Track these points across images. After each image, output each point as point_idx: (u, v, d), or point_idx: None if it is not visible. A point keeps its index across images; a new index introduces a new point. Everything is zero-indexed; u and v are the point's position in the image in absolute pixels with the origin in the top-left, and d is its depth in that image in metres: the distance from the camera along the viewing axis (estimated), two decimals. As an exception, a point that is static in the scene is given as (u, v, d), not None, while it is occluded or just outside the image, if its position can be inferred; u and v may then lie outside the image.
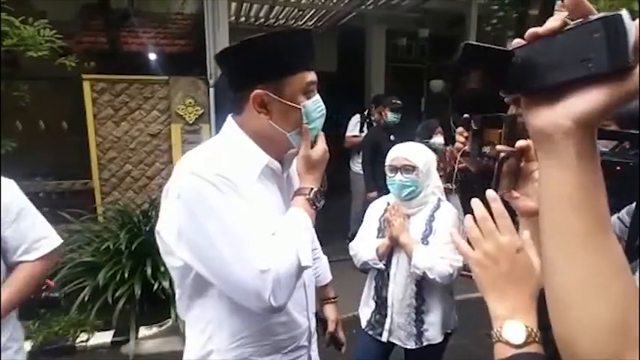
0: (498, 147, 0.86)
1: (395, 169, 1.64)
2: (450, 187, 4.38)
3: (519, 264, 0.60)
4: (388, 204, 1.73)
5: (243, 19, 6.52)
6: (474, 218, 0.63)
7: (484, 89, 0.48)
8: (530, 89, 0.45)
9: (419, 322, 1.64)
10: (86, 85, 3.62)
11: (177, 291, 1.01)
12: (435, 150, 2.14)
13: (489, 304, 0.60)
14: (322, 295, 1.44)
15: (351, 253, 1.76)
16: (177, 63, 4.67)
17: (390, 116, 3.83)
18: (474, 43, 0.47)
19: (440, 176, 1.85)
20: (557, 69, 0.41)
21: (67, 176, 3.83)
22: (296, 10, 6.21)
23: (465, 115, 0.92)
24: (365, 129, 4.50)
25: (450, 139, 3.87)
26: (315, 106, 0.98)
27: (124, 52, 4.71)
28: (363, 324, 1.77)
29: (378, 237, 1.72)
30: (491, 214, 0.62)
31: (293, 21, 6.85)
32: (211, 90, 4.25)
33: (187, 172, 0.87)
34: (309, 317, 1.09)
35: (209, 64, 4.36)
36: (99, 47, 4.41)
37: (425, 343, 1.64)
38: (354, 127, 4.57)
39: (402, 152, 1.66)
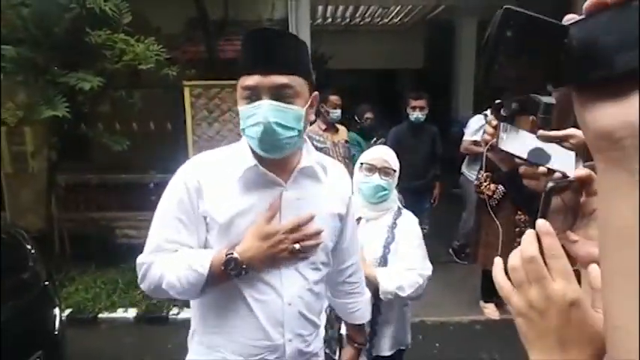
0: (541, 132, 0.77)
1: (373, 169, 1.56)
2: None
3: (574, 320, 0.47)
4: None
5: (329, 20, 6.68)
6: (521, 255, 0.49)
7: (524, 78, 0.38)
8: (590, 80, 0.33)
9: (372, 334, 1.57)
10: (186, 91, 4.09)
11: None
12: None
13: None
14: (350, 334, 1.38)
15: None
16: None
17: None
18: (516, 8, 0.35)
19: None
20: (630, 51, 0.29)
21: (172, 170, 4.37)
22: (381, 8, 6.16)
23: (497, 101, 0.81)
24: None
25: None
26: (247, 112, 0.93)
27: (221, 59, 5.19)
28: None
29: None
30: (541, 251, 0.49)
31: (379, 19, 6.80)
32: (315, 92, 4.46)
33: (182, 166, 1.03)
34: (285, 336, 1.02)
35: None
36: (199, 56, 4.92)
37: (374, 354, 1.59)
38: (474, 132, 3.73)
39: (381, 154, 1.60)
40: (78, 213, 4.31)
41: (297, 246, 0.96)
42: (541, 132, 0.78)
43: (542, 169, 0.79)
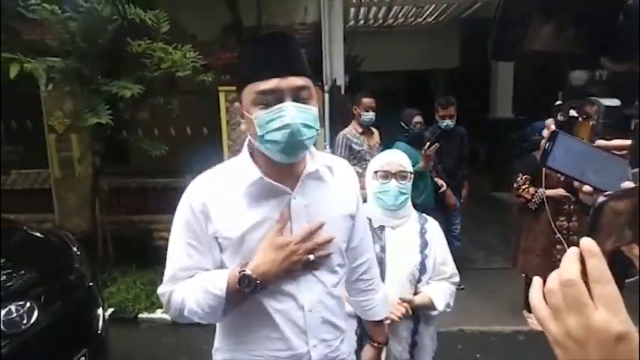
0: (600, 142, 0.65)
1: (389, 175, 1.49)
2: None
3: (621, 357, 0.40)
4: None
5: (362, 21, 6.63)
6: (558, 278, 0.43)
7: (569, 49, 0.30)
8: None
9: (412, 345, 1.52)
10: (221, 96, 4.18)
11: None
12: None
13: None
14: (370, 333, 1.34)
15: None
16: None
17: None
18: None
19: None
20: None
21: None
22: (415, 8, 6.04)
23: (557, 102, 0.72)
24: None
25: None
26: (267, 117, 0.89)
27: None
28: None
29: None
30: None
31: (412, 19, 6.68)
32: (326, 95, 4.46)
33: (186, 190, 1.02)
34: (309, 343, 1.01)
35: (325, 69, 4.58)
36: (233, 62, 5.01)
37: None
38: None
39: (394, 158, 1.53)
40: (119, 216, 4.49)
41: (311, 257, 0.95)
42: (600, 142, 0.68)
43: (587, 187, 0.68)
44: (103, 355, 2.11)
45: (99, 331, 2.10)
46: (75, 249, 2.26)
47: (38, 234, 2.35)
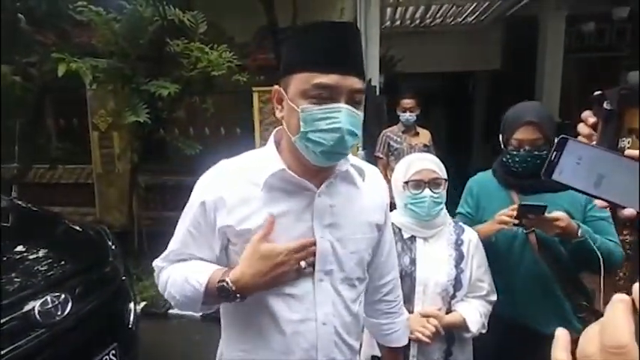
0: (629, 152, 0.55)
1: (421, 185, 1.34)
2: (380, 155, 3.58)
3: None
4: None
5: (398, 22, 6.50)
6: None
7: None
8: None
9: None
10: (255, 97, 4.20)
11: None
12: None
13: None
14: (384, 359, 1.24)
15: None
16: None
17: None
18: None
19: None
20: None
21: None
22: (454, 7, 5.84)
23: (597, 92, 0.62)
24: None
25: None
26: (316, 114, 0.80)
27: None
28: None
29: None
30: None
31: (451, 19, 6.47)
32: (360, 96, 4.39)
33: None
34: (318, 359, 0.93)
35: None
36: (268, 63, 5.05)
37: None
38: None
39: (427, 164, 1.37)
40: (155, 212, 4.62)
41: (302, 264, 0.87)
42: (630, 152, 0.55)
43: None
44: (133, 349, 2.14)
45: (130, 326, 2.13)
46: (110, 243, 2.31)
47: (77, 227, 2.42)
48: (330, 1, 5.11)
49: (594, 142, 0.63)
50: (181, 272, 0.93)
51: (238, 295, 0.85)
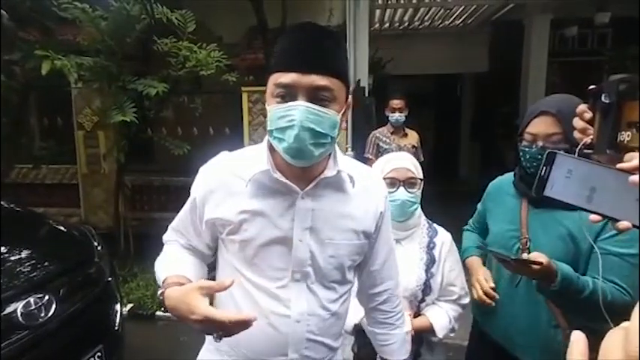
0: (621, 165, 0.53)
1: (396, 183, 1.32)
2: (370, 156, 3.61)
3: None
4: None
5: (387, 24, 6.55)
6: None
7: None
8: None
9: None
10: (244, 97, 4.19)
11: None
12: None
13: None
14: None
15: None
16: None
17: None
18: None
19: None
20: None
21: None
22: (442, 10, 5.92)
23: (591, 86, 0.62)
24: None
25: None
26: (278, 113, 0.82)
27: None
28: None
29: None
30: None
31: (439, 21, 6.55)
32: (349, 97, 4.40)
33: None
34: (289, 355, 0.94)
35: (349, 71, 4.52)
36: (258, 63, 5.04)
37: None
38: None
39: (404, 162, 1.35)
40: (142, 212, 4.56)
41: (214, 335, 0.82)
42: (622, 165, 0.53)
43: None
44: (119, 350, 2.11)
45: (116, 327, 2.10)
46: (95, 243, 2.27)
47: (61, 227, 2.38)
48: (320, 3, 5.13)
49: (590, 137, 0.62)
50: (164, 261, 1.04)
51: (168, 310, 0.90)
